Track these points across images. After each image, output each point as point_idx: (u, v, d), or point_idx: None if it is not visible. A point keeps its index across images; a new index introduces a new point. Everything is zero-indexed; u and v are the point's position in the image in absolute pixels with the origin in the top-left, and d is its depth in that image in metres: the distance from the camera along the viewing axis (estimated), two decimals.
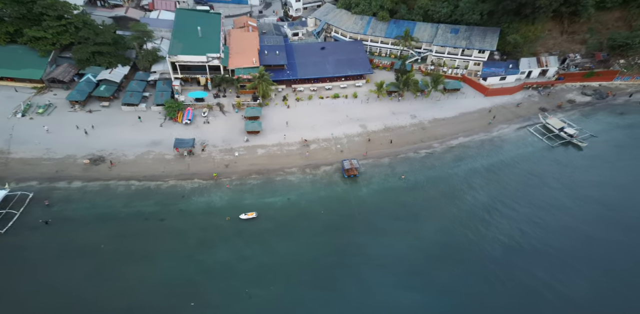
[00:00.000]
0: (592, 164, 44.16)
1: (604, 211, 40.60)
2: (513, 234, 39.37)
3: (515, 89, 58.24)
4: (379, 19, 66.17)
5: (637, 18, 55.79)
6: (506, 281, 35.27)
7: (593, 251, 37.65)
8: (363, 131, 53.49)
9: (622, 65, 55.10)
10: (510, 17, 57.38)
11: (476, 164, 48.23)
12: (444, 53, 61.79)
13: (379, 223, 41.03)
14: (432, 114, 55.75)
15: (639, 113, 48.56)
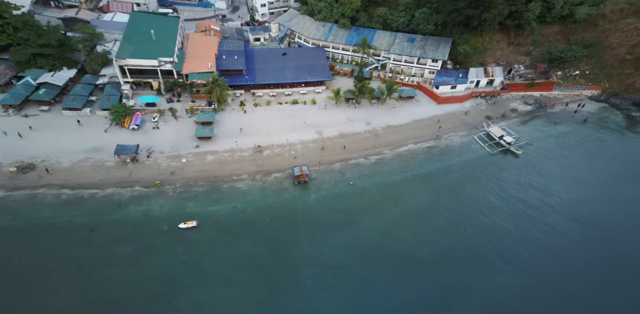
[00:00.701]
0: (523, 169, 43.35)
1: (529, 212, 39.27)
2: (450, 235, 37.78)
3: (464, 97, 55.81)
4: (341, 26, 62.39)
5: (574, 32, 54.33)
6: (439, 282, 33.87)
7: (516, 249, 36.30)
8: (318, 137, 50.14)
9: (559, 77, 53.43)
10: (461, 28, 55.58)
11: (421, 170, 45.92)
12: (401, 61, 59.18)
13: (322, 229, 38.31)
14: (386, 121, 53.04)
15: (571, 122, 48.20)
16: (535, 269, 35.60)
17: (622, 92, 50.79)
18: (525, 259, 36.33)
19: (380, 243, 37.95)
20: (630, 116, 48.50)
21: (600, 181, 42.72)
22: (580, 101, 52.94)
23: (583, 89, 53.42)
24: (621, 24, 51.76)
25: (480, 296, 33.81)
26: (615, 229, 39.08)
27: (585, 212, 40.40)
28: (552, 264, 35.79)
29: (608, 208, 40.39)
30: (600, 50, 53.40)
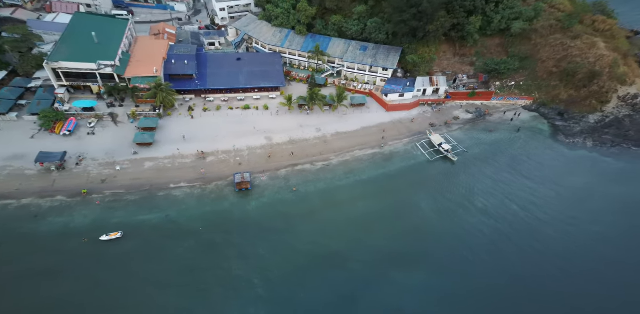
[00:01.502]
0: (455, 175, 43.00)
1: (459, 213, 38.99)
2: (385, 238, 36.31)
3: (412, 105, 53.93)
4: (297, 32, 58.95)
5: (512, 45, 53.44)
6: (365, 283, 32.24)
7: (443, 250, 35.93)
8: (267, 143, 46.76)
9: (497, 87, 52.73)
10: (409, 38, 53.58)
11: (364, 176, 43.79)
12: (354, 69, 56.55)
13: (258, 237, 35.44)
14: (336, 128, 50.29)
15: (505, 130, 47.91)
16: (458, 268, 34.18)
17: (549, 103, 50.21)
18: (451, 259, 35.07)
19: (316, 248, 35.43)
20: (554, 124, 47.86)
21: (519, 184, 41.74)
22: (516, 110, 52.00)
23: (517, 99, 52.61)
24: (550, 39, 51.00)
25: (391, 296, 31.82)
26: (525, 223, 38.40)
27: (503, 213, 39.34)
28: (476, 262, 34.56)
29: (521, 207, 39.45)
30: (533, 63, 52.37)
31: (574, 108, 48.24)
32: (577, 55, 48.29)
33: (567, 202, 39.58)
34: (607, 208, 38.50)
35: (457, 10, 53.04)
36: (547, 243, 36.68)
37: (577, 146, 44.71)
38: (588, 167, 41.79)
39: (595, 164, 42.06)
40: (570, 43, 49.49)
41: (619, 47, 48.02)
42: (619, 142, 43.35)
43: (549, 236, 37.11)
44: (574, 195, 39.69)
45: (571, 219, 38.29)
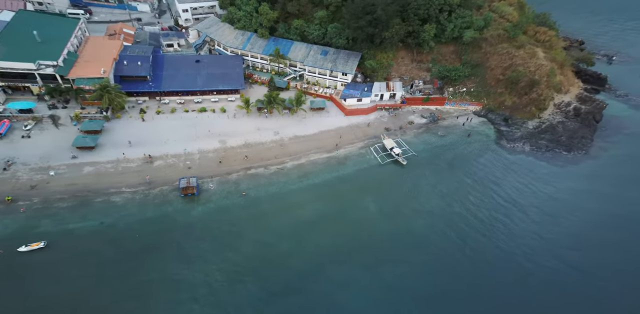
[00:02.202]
0: (403, 177, 42.32)
1: (406, 214, 38.24)
2: (329, 241, 34.80)
3: (370, 110, 52.43)
4: (260, 35, 55.90)
5: (465, 53, 52.83)
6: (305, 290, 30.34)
7: (384, 251, 34.77)
8: (221, 146, 43.83)
9: (450, 93, 52.39)
10: (368, 44, 51.99)
11: (317, 179, 41.89)
12: (315, 73, 54.36)
13: (199, 244, 32.82)
14: (294, 131, 48.14)
15: (456, 135, 47.62)
16: (400, 268, 33.12)
17: (496, 109, 49.85)
18: (393, 259, 33.82)
19: (260, 251, 33.26)
20: (499, 130, 47.54)
21: (462, 185, 41.34)
22: (468, 116, 51.39)
23: (468, 105, 52.05)
24: (498, 48, 50.32)
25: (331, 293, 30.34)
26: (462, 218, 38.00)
27: (444, 213, 38.69)
28: (417, 262, 33.57)
29: (462, 207, 39.11)
30: (483, 70, 51.56)
31: (517, 114, 47.86)
32: (520, 64, 47.82)
33: (502, 202, 39.17)
34: (537, 206, 38.37)
35: (411, 18, 51.49)
36: (484, 239, 35.97)
37: (516, 151, 44.48)
38: (524, 170, 41.77)
39: (531, 167, 42.07)
40: (515, 52, 48.90)
41: (556, 57, 48.16)
42: (552, 147, 43.35)
43: (486, 233, 36.47)
44: (509, 196, 39.33)
45: (504, 216, 37.88)
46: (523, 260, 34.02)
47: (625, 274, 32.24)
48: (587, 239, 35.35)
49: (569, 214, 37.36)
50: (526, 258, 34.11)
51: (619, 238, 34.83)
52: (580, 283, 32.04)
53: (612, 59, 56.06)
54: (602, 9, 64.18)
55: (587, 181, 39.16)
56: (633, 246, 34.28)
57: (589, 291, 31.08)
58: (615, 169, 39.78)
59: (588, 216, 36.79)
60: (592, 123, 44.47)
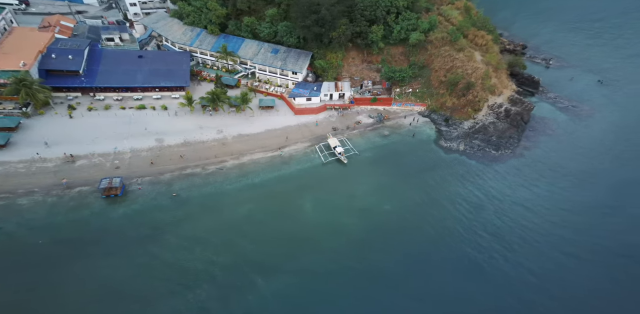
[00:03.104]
0: (344, 176, 41.17)
1: (341, 213, 36.96)
2: (256, 243, 32.80)
3: (319, 109, 50.79)
4: (209, 32, 52.88)
5: (412, 55, 52.24)
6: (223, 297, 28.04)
7: (314, 248, 33.39)
8: (157, 145, 40.89)
9: (397, 93, 51.58)
10: (317, 43, 50.27)
11: (257, 179, 39.79)
12: (266, 71, 52.24)
13: (115, 250, 30.08)
14: (239, 130, 45.75)
15: (401, 135, 46.93)
16: (327, 268, 31.74)
17: (438, 109, 49.60)
18: (322, 260, 32.27)
19: (181, 256, 30.54)
20: (440, 130, 47.32)
21: (397, 183, 40.69)
22: (414, 116, 50.80)
23: (414, 105, 51.47)
24: (441, 51, 50.01)
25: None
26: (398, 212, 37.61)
27: (378, 210, 37.71)
28: (349, 264, 32.38)
29: (395, 205, 38.39)
30: (428, 72, 51.16)
31: (456, 115, 47.67)
32: (460, 66, 47.72)
33: (436, 200, 38.92)
34: (466, 200, 38.32)
35: (358, 19, 50.53)
36: (414, 235, 35.59)
37: (451, 150, 44.40)
38: (456, 168, 41.95)
39: (462, 165, 42.31)
40: (456, 55, 48.71)
41: (490, 60, 48.34)
42: (483, 146, 43.64)
43: (415, 229, 36.03)
44: (439, 193, 39.21)
45: (436, 211, 37.54)
46: (447, 252, 33.64)
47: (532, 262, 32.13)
48: (499, 229, 35.48)
49: (486, 207, 37.50)
50: (449, 252, 33.77)
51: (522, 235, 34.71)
52: (500, 265, 31.90)
53: (549, 63, 57.52)
54: (552, 16, 65.45)
55: (508, 178, 39.89)
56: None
57: (493, 278, 30.77)
58: (532, 168, 40.89)
59: (499, 210, 37.05)
60: (521, 124, 45.11)
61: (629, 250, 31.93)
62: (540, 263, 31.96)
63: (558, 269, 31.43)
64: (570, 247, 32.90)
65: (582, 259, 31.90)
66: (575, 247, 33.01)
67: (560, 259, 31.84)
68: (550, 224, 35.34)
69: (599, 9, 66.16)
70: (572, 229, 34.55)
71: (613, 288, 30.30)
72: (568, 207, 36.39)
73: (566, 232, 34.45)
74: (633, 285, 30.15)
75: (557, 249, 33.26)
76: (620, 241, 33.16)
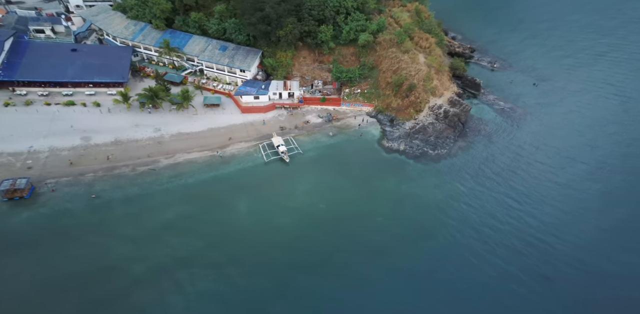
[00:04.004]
0: (285, 175, 39.68)
1: (276, 213, 35.46)
2: (174, 248, 30.41)
3: (267, 108, 48.91)
4: (155, 27, 49.85)
5: (362, 55, 51.35)
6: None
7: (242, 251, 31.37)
8: (83, 144, 37.56)
9: (346, 94, 50.64)
10: (267, 41, 48.40)
11: (191, 179, 37.33)
12: (213, 68, 49.74)
13: (9, 258, 26.90)
14: (179, 128, 43.13)
15: (346, 135, 45.91)
16: (263, 269, 30.18)
17: (384, 110, 48.89)
18: (258, 259, 30.89)
19: (81, 269, 27.46)
20: (384, 130, 46.70)
21: (337, 183, 39.54)
22: (363, 116, 49.79)
23: (362, 106, 50.53)
24: (389, 52, 49.42)
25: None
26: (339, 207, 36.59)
27: (314, 211, 36.23)
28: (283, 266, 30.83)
29: (331, 204, 37.26)
30: (377, 73, 50.42)
31: (400, 115, 47.16)
32: (404, 68, 47.20)
33: (373, 199, 38.12)
34: (395, 199, 37.92)
35: (306, 18, 48.88)
36: (345, 232, 34.66)
37: (392, 149, 43.88)
38: (394, 167, 41.48)
39: (400, 164, 41.96)
40: (401, 57, 48.17)
41: (432, 63, 48.28)
42: (422, 146, 43.53)
43: (349, 227, 35.12)
44: (378, 192, 38.48)
45: (368, 210, 36.71)
46: (381, 247, 33.07)
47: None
48: (420, 224, 35.48)
49: (412, 204, 37.32)
50: (386, 245, 33.22)
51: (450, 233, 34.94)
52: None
53: (494, 65, 58.54)
54: (505, 21, 66.85)
55: (439, 176, 40.12)
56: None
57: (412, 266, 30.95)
58: (463, 167, 41.25)
59: (431, 205, 37.02)
60: (458, 124, 45.35)
61: (528, 249, 32.71)
62: (450, 258, 32.16)
63: (464, 263, 31.71)
64: (481, 244, 33.19)
65: (491, 255, 32.17)
66: (485, 244, 33.27)
67: (468, 256, 32.18)
68: (469, 220, 35.50)
69: (549, 17, 67.95)
70: (490, 227, 34.89)
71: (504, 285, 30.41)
72: (489, 206, 36.78)
73: (484, 230, 34.67)
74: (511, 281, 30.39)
75: (466, 244, 33.43)
76: (523, 238, 33.94)
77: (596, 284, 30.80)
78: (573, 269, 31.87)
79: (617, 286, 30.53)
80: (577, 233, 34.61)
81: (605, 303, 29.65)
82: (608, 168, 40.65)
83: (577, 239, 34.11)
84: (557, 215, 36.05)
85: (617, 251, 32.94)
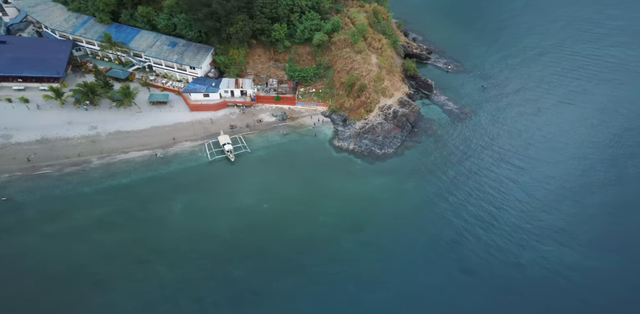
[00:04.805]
0: (230, 175, 38.19)
1: (214, 211, 33.82)
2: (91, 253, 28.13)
3: (218, 106, 47.19)
4: (99, 20, 47.15)
5: (319, 55, 50.80)
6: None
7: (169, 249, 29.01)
8: (0, 142, 34.76)
9: (301, 93, 49.80)
10: (218, 38, 46.72)
11: (125, 180, 35.23)
12: (162, 65, 47.51)
13: None
14: (118, 126, 40.79)
15: (299, 134, 44.88)
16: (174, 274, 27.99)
17: (338, 110, 48.40)
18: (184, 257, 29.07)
19: None
20: (337, 129, 46.31)
21: (282, 181, 38.72)
22: (319, 116, 48.81)
23: (316, 105, 49.82)
24: (343, 52, 49.16)
25: None
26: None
27: (257, 210, 35.29)
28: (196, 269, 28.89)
29: (271, 204, 36.28)
30: (332, 72, 49.98)
31: (352, 115, 46.79)
32: (357, 68, 46.95)
33: (318, 198, 37.49)
34: (339, 198, 37.43)
35: (258, 15, 47.63)
36: (287, 231, 33.84)
37: (342, 149, 43.56)
38: (341, 166, 41.16)
39: (348, 163, 41.69)
40: (355, 57, 48.10)
41: (382, 63, 48.10)
42: (370, 145, 43.44)
43: (290, 226, 34.27)
44: (323, 191, 37.80)
45: (308, 209, 36.05)
46: (324, 243, 32.71)
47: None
48: (362, 222, 35.27)
49: (357, 202, 37.02)
50: (331, 242, 32.69)
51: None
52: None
53: (448, 67, 59.28)
54: (465, 24, 67.66)
55: (383, 175, 39.99)
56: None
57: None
58: (406, 166, 41.44)
59: (372, 203, 36.85)
60: (406, 124, 45.61)
61: (453, 243, 33.15)
62: (383, 252, 32.04)
63: (388, 258, 31.80)
64: (411, 241, 33.51)
65: (416, 255, 32.44)
66: (417, 242, 33.56)
67: (396, 250, 32.17)
68: (408, 217, 35.52)
69: (509, 23, 69.24)
70: (424, 223, 35.25)
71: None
72: (427, 205, 37.09)
73: (417, 225, 34.96)
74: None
75: (400, 240, 33.58)
76: (459, 233, 34.40)
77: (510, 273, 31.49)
78: (492, 258, 32.46)
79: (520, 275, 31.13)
80: (505, 226, 35.27)
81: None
82: (544, 165, 41.95)
83: (504, 232, 34.73)
84: (488, 209, 36.73)
85: (530, 245, 33.68)
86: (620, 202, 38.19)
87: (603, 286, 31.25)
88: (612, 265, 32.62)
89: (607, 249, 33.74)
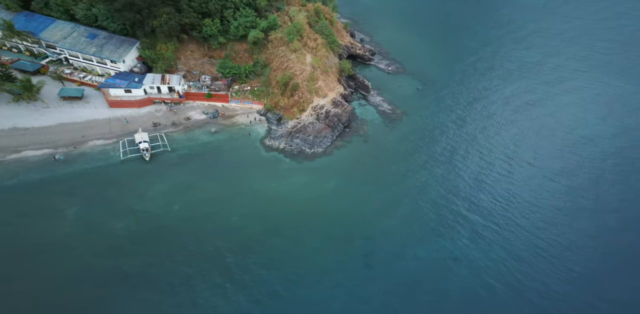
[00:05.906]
0: (142, 175, 35.89)
1: (117, 216, 30.79)
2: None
3: (141, 102, 44.44)
4: (5, 8, 42.85)
5: (255, 52, 49.64)
6: None
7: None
8: None
9: (235, 91, 48.21)
10: (143, 32, 44.27)
11: (9, 182, 31.60)
12: (79, 57, 43.73)
13: None
14: (15, 123, 36.76)
15: (228, 133, 43.29)
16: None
17: (272, 109, 47.29)
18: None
19: None
20: (270, 128, 45.17)
21: (200, 183, 36.53)
22: (255, 115, 47.39)
23: (251, 104, 48.45)
24: (279, 51, 48.35)
25: None
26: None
27: (162, 212, 32.81)
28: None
29: (182, 205, 33.83)
30: (269, 71, 48.79)
31: (286, 114, 45.81)
32: (291, 67, 46.24)
33: (236, 198, 35.72)
34: (262, 199, 35.99)
35: (186, 9, 45.16)
36: (196, 234, 31.64)
37: (272, 148, 42.36)
38: (268, 165, 39.90)
39: (276, 162, 40.53)
40: (290, 56, 47.36)
41: (314, 63, 47.42)
42: (301, 145, 42.73)
43: (201, 229, 32.06)
44: (243, 191, 36.17)
45: (222, 211, 34.03)
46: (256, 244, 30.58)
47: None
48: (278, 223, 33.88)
49: (277, 202, 35.88)
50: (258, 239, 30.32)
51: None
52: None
53: (389, 68, 60.07)
54: (414, 27, 69.11)
55: (311, 174, 39.24)
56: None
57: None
58: (333, 165, 41.00)
59: (294, 203, 35.72)
60: (338, 124, 45.24)
61: (366, 240, 32.66)
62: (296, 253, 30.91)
63: (313, 254, 30.84)
64: (324, 237, 32.57)
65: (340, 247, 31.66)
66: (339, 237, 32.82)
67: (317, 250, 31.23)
68: (328, 216, 34.74)
69: (461, 26, 71.18)
70: (356, 221, 34.64)
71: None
72: (351, 202, 36.51)
73: (332, 222, 34.23)
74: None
75: (314, 239, 32.49)
76: (384, 231, 34.12)
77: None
78: (394, 258, 32.28)
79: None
80: (420, 221, 35.50)
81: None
82: (463, 165, 42.94)
83: (418, 227, 34.99)
84: (410, 207, 36.85)
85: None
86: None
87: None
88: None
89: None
